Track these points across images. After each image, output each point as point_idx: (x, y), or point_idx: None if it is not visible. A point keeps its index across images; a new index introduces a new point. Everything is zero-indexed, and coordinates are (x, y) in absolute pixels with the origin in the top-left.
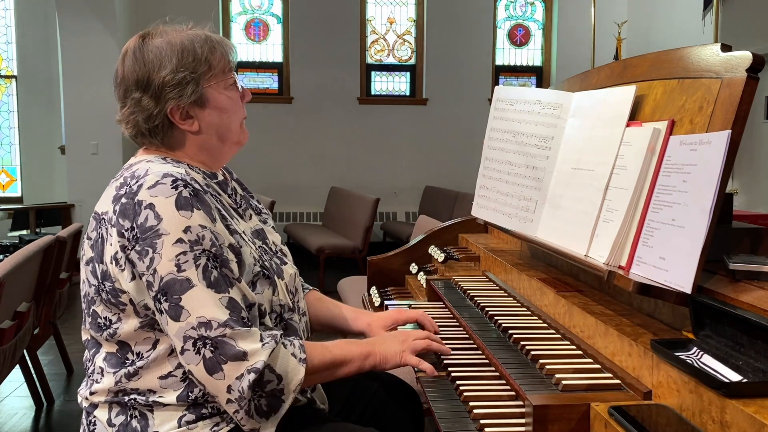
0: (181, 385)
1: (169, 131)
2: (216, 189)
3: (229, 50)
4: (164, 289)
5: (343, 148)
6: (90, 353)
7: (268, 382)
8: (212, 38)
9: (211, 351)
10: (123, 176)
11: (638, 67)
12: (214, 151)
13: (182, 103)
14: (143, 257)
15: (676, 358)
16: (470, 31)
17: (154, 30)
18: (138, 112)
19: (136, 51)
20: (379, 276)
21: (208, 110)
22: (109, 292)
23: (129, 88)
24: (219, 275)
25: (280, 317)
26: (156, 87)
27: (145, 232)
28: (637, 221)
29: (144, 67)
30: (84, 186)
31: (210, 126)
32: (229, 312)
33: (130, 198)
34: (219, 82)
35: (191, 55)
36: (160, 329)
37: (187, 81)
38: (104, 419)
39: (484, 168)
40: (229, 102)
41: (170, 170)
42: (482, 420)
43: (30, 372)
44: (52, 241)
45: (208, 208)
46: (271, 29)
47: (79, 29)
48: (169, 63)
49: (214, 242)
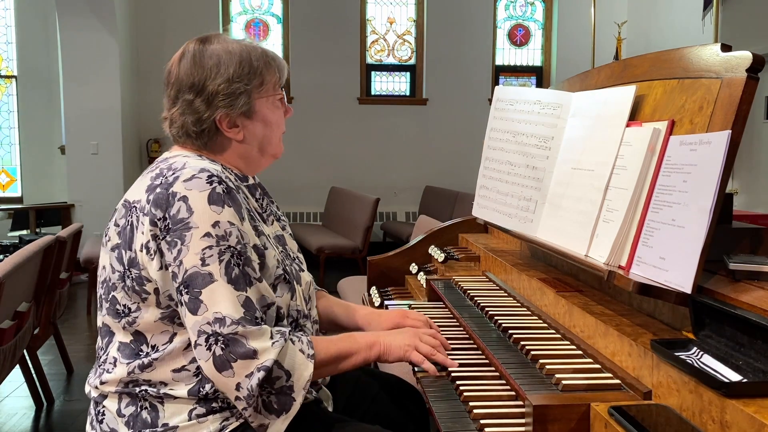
0: (193, 379)
1: (214, 136)
2: (245, 192)
3: (282, 67)
4: (187, 281)
5: (343, 148)
6: (103, 342)
7: (276, 378)
8: (268, 53)
9: (221, 348)
10: (159, 167)
11: (638, 67)
12: (252, 161)
13: (232, 112)
14: (172, 248)
15: (676, 358)
16: (470, 31)
17: (213, 36)
18: (188, 114)
19: (196, 54)
20: (379, 276)
21: (254, 122)
22: (134, 279)
23: (182, 90)
24: (240, 273)
25: (296, 322)
26: (210, 93)
27: (177, 223)
28: (637, 221)
29: (202, 72)
30: (84, 186)
31: (254, 137)
32: (243, 311)
33: (164, 188)
34: (269, 97)
35: (248, 66)
36: (179, 323)
37: (240, 92)
38: (114, 409)
39: (484, 168)
40: (274, 116)
41: (207, 166)
42: (482, 420)
43: (30, 372)
44: (52, 241)
45: (238, 206)
46: (271, 29)
47: (79, 29)
48: (226, 71)
49: (240, 240)
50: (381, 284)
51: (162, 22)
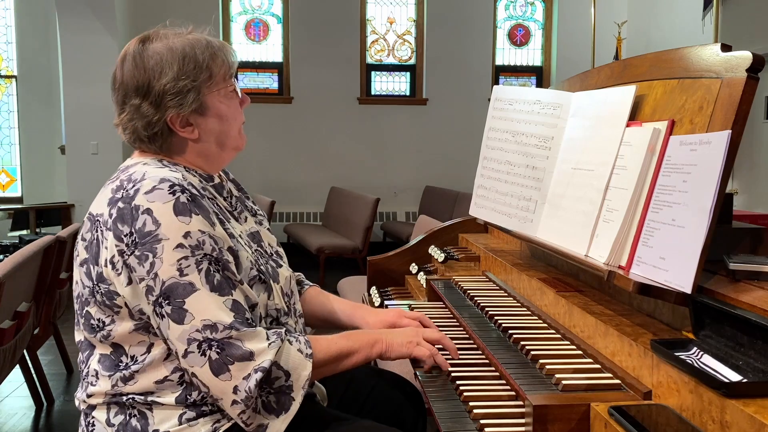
0: (178, 388)
1: (168, 138)
2: (212, 192)
3: (230, 56)
4: (166, 293)
5: (343, 148)
6: (84, 355)
7: (275, 378)
8: (213, 44)
9: (217, 353)
10: (119, 178)
11: (638, 67)
12: (212, 157)
13: (182, 111)
14: (143, 262)
15: (676, 358)
16: (470, 31)
17: (154, 34)
18: (137, 119)
19: (136, 56)
20: (379, 276)
21: (208, 118)
22: (104, 294)
23: (128, 94)
24: (222, 278)
25: (276, 321)
26: (156, 94)
27: (144, 237)
28: (637, 221)
29: (144, 74)
30: (84, 186)
31: (210, 133)
32: (233, 314)
33: (126, 202)
34: (219, 90)
35: (192, 62)
36: (154, 333)
37: (188, 89)
38: (103, 419)
39: (483, 168)
40: (228, 109)
41: (167, 175)
42: (482, 420)
43: (30, 372)
44: (52, 241)
45: (206, 212)
46: (271, 29)
47: (79, 29)
48: (170, 70)
49: (215, 246)
50: (381, 284)
51: (162, 22)
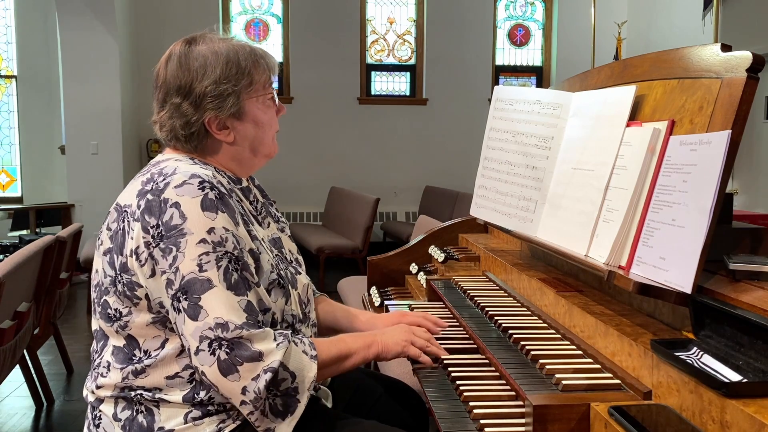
0: (187, 386)
1: (204, 139)
2: (239, 195)
3: (273, 66)
4: (185, 287)
5: (343, 148)
6: (98, 345)
7: (282, 380)
8: (257, 52)
9: (226, 353)
10: (150, 172)
11: (638, 67)
12: (244, 162)
13: (221, 114)
14: (166, 255)
15: (676, 358)
16: (470, 31)
17: (200, 36)
18: (176, 118)
19: (182, 56)
20: (379, 276)
21: (245, 123)
22: (125, 284)
23: (170, 93)
24: (239, 278)
25: (291, 327)
26: (197, 95)
27: (170, 230)
28: (637, 221)
29: (188, 74)
30: (84, 186)
31: (245, 138)
32: (246, 315)
33: (156, 195)
34: (258, 97)
35: (235, 67)
36: (170, 328)
37: (228, 93)
38: (110, 414)
39: (483, 168)
40: (265, 116)
41: (198, 171)
42: (482, 420)
43: (30, 372)
44: (52, 241)
45: (232, 211)
46: (271, 29)
47: (79, 29)
48: (213, 73)
49: (236, 245)
50: (381, 284)
51: (162, 22)
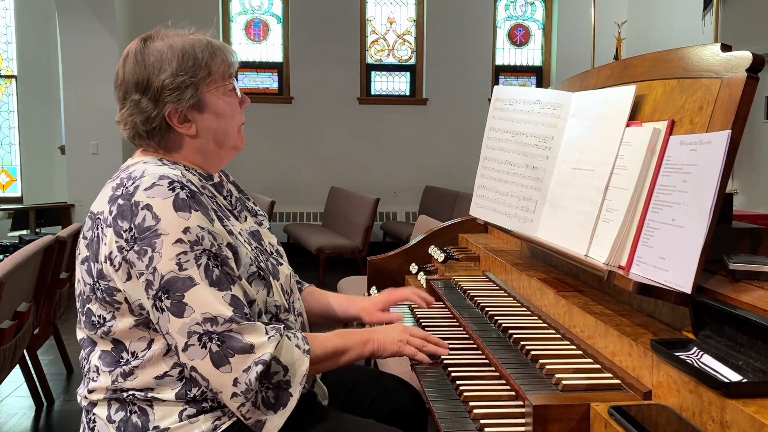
0: (178, 384)
1: (166, 134)
2: (211, 190)
3: (230, 56)
4: (165, 286)
5: (343, 148)
6: (85, 352)
7: (274, 373)
8: (213, 43)
9: (218, 345)
10: (119, 177)
11: (638, 67)
12: (210, 155)
13: (180, 106)
14: (142, 256)
15: (676, 358)
16: (470, 31)
17: (155, 33)
18: (136, 114)
19: (137, 53)
20: (379, 276)
21: (206, 115)
22: (104, 290)
23: (129, 90)
24: (221, 273)
25: (275, 318)
26: (155, 90)
27: (143, 232)
28: (637, 221)
29: (144, 70)
30: (84, 186)
31: (207, 130)
32: (233, 309)
33: (126, 199)
34: (218, 88)
35: (191, 59)
36: (155, 329)
37: (186, 85)
38: (104, 416)
39: (483, 168)
40: (227, 107)
41: (166, 172)
42: (482, 420)
43: (30, 372)
44: (52, 241)
45: (205, 209)
46: (271, 29)
47: (79, 29)
48: (169, 66)
49: (213, 242)
50: (381, 284)
51: (162, 22)
